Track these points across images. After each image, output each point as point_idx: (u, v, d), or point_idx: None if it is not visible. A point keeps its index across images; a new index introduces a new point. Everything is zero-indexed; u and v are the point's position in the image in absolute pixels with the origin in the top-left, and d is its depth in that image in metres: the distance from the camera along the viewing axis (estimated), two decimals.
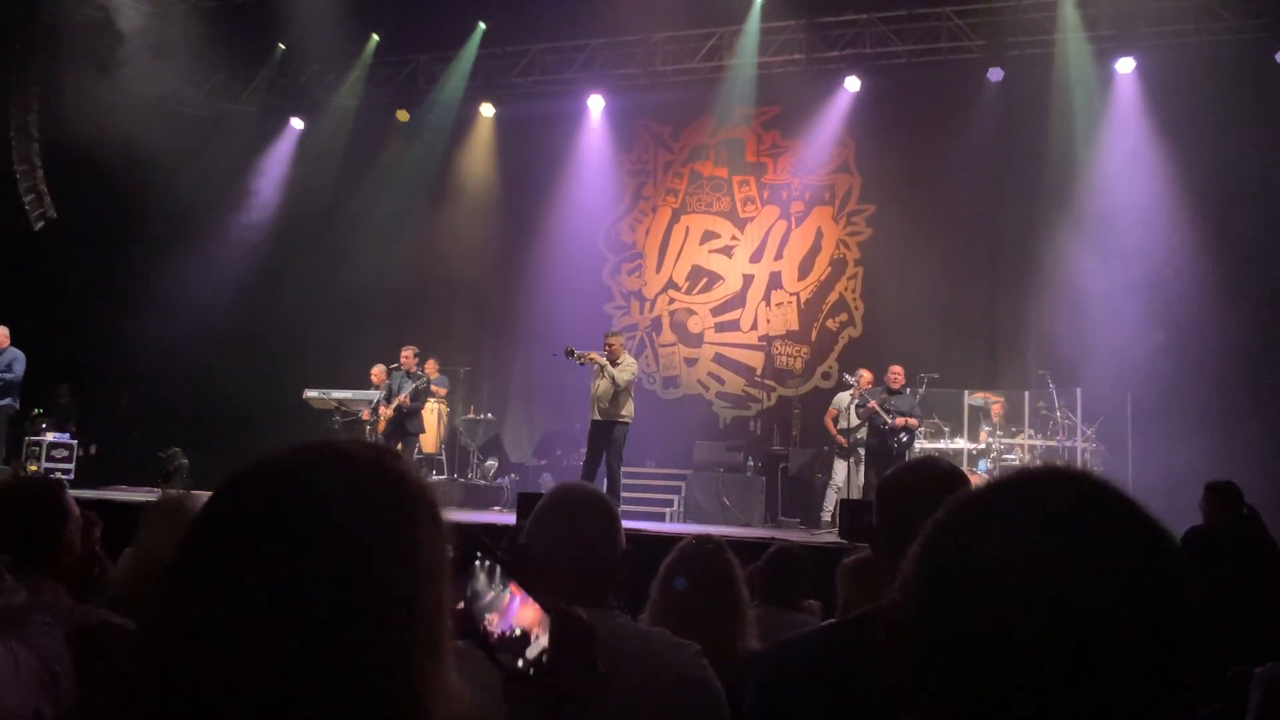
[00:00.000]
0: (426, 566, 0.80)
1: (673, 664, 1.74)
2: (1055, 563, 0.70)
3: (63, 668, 1.66)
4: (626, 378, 9.29)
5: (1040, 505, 0.74)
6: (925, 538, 0.76)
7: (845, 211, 12.40)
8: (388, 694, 0.76)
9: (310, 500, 0.79)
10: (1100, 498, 0.75)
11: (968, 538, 0.74)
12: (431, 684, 0.79)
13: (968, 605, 0.71)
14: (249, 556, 0.76)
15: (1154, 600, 0.70)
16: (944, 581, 0.73)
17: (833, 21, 11.76)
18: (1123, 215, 10.40)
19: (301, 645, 0.74)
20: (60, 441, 11.28)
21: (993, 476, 0.80)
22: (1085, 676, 0.67)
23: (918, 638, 0.73)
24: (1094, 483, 0.76)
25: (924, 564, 0.75)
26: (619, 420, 9.22)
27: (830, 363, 12.06)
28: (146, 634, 0.81)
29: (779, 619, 3.33)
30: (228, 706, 0.73)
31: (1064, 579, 0.69)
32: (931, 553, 0.75)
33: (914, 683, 0.73)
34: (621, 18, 11.83)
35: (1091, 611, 0.68)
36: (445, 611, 0.82)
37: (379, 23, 12.40)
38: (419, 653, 0.78)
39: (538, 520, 1.80)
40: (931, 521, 0.77)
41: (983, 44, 11.22)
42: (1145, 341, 10.03)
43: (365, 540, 0.78)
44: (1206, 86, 10.08)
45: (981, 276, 11.41)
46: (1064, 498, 0.75)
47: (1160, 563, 0.72)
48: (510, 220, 13.17)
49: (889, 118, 11.80)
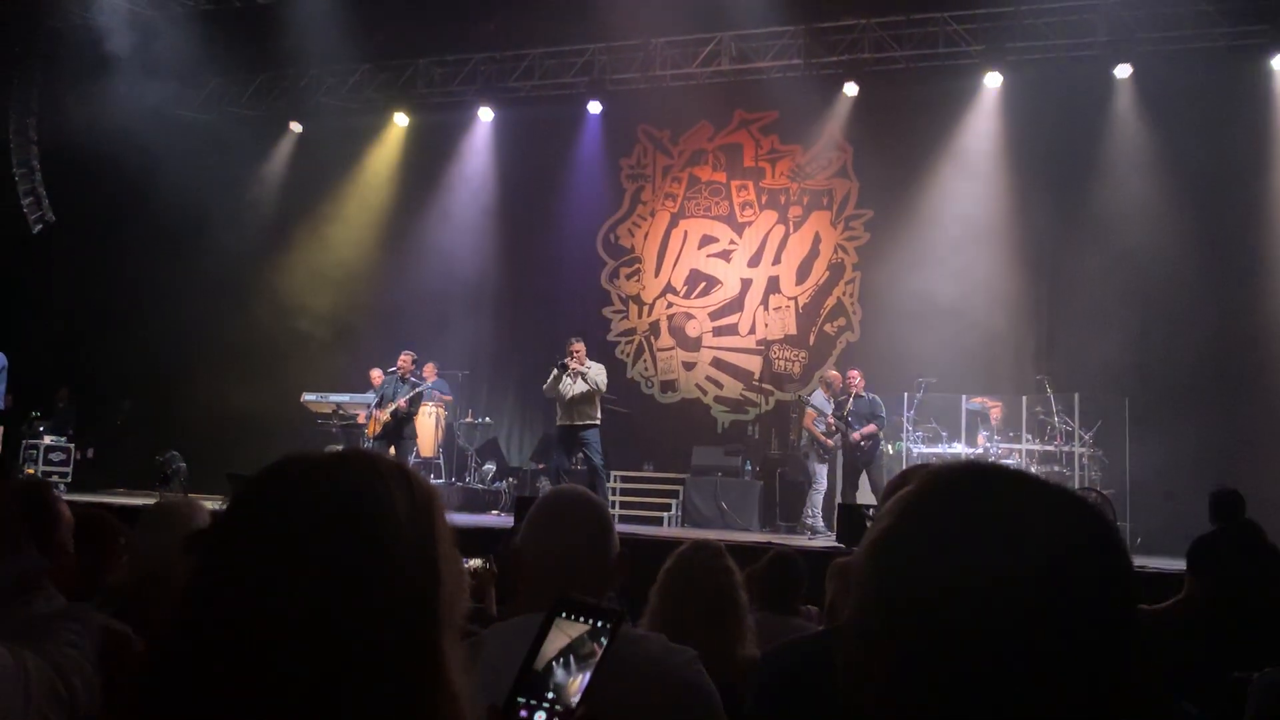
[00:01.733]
0: (447, 547, 0.89)
1: (668, 669, 1.73)
2: (990, 558, 0.70)
3: (82, 679, 1.65)
4: (604, 381, 9.47)
5: (971, 503, 0.74)
6: (867, 546, 0.76)
7: (843, 216, 12.41)
8: (422, 659, 0.83)
9: (361, 483, 0.87)
10: (1028, 489, 0.75)
11: (907, 545, 0.74)
12: (452, 656, 0.86)
13: (910, 612, 0.71)
14: (309, 529, 0.83)
15: (1093, 583, 0.71)
16: (885, 589, 0.73)
17: (831, 27, 11.78)
18: (1120, 220, 10.41)
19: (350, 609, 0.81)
20: (57, 445, 11.29)
21: (921, 477, 0.79)
22: (1033, 672, 0.68)
23: (867, 648, 0.73)
24: (1018, 475, 0.77)
25: (868, 574, 0.76)
26: (592, 423, 9.37)
27: (828, 367, 12.05)
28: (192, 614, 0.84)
29: (777, 625, 3.33)
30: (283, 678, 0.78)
31: (999, 575, 0.70)
32: (873, 562, 0.75)
33: (870, 693, 0.73)
34: (620, 23, 11.85)
35: (1032, 603, 0.68)
36: (460, 593, 0.90)
37: (378, 26, 12.41)
38: (445, 625, 0.86)
39: (531, 524, 1.80)
40: (871, 531, 0.78)
41: (980, 49, 11.24)
42: (1143, 346, 10.05)
43: (402, 522, 0.86)
44: (1203, 92, 10.10)
45: (979, 281, 11.41)
46: (991, 494, 0.75)
47: (1091, 542, 0.72)
48: (508, 224, 13.16)
49: (887, 123, 11.81)
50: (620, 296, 13.25)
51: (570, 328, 11.86)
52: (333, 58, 12.72)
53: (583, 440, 9.36)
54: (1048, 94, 10.97)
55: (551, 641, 1.05)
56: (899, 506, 0.77)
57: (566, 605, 1.08)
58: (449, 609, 0.87)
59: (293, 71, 13.26)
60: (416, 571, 0.85)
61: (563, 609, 1.08)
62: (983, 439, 10.07)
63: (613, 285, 13.29)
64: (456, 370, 12.34)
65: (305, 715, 0.78)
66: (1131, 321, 10.21)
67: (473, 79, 13.10)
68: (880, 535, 0.76)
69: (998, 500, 0.74)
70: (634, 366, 12.91)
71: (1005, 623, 0.68)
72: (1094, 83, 10.86)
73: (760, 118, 12.80)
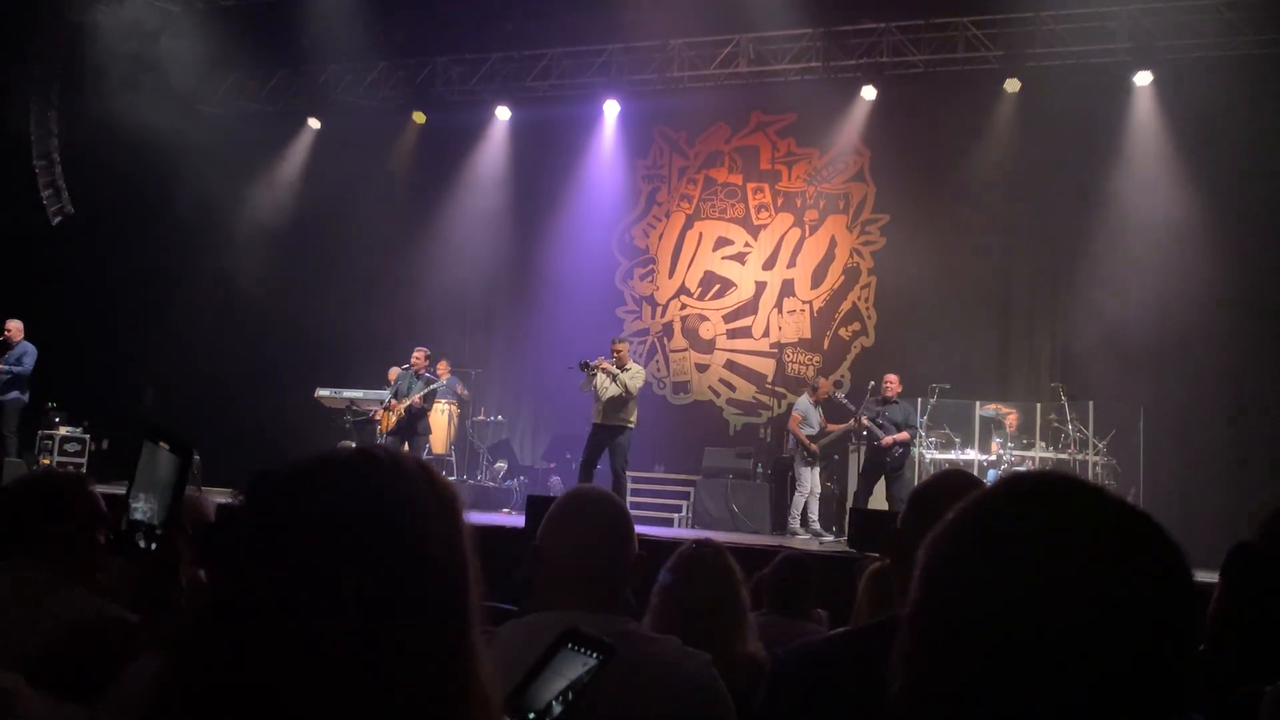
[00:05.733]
0: (470, 544, 0.90)
1: (682, 672, 1.73)
2: (1057, 569, 0.71)
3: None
4: (639, 384, 9.33)
5: (1044, 511, 0.75)
6: (931, 543, 0.77)
7: (859, 220, 12.39)
8: (457, 656, 0.85)
9: (387, 482, 0.87)
10: (1105, 503, 0.75)
11: (972, 546, 0.75)
12: (478, 649, 0.87)
13: (970, 610, 0.71)
14: (340, 528, 0.84)
15: (1159, 605, 0.71)
16: (948, 588, 0.74)
17: (850, 30, 11.75)
18: (1138, 228, 10.35)
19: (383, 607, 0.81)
20: (73, 435, 11.35)
21: (997, 482, 0.81)
22: (1087, 680, 0.68)
23: (926, 642, 0.74)
24: (1096, 490, 0.78)
25: (929, 571, 0.76)
26: (626, 425, 9.24)
27: (842, 371, 12.04)
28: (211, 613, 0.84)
29: (787, 628, 3.32)
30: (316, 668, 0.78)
31: (1067, 585, 0.70)
32: (936, 560, 0.76)
33: (922, 687, 0.73)
34: (638, 23, 11.85)
35: (1095, 616, 0.69)
36: (479, 586, 0.91)
37: (396, 24, 12.45)
38: (470, 616, 0.87)
39: (551, 523, 1.81)
40: (936, 530, 0.78)
41: (1000, 54, 11.19)
42: (1159, 355, 9.99)
43: (427, 519, 0.87)
44: (1225, 101, 10.03)
45: (995, 287, 11.38)
46: (1067, 504, 0.76)
47: (1163, 569, 0.73)
48: (524, 223, 13.18)
49: (905, 127, 11.78)
50: (634, 297, 13.25)
51: (583, 327, 11.90)
52: (351, 55, 12.76)
53: (613, 444, 9.26)
54: (1067, 101, 10.90)
55: (550, 668, 1.09)
56: (969, 506, 0.78)
57: (574, 637, 1.11)
58: (476, 605, 0.88)
59: (311, 68, 13.31)
60: (447, 568, 0.86)
61: (569, 640, 1.11)
62: (996, 446, 10.04)
63: (626, 286, 13.29)
64: (469, 368, 12.37)
65: (344, 716, 0.78)
66: (1148, 329, 10.14)
67: (490, 78, 13.12)
68: (947, 532, 0.77)
69: (1066, 509, 0.75)
70: (647, 368, 12.91)
71: (1061, 632, 0.69)
72: (1114, 90, 10.79)
73: (777, 120, 12.78)
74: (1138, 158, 10.63)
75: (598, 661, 1.10)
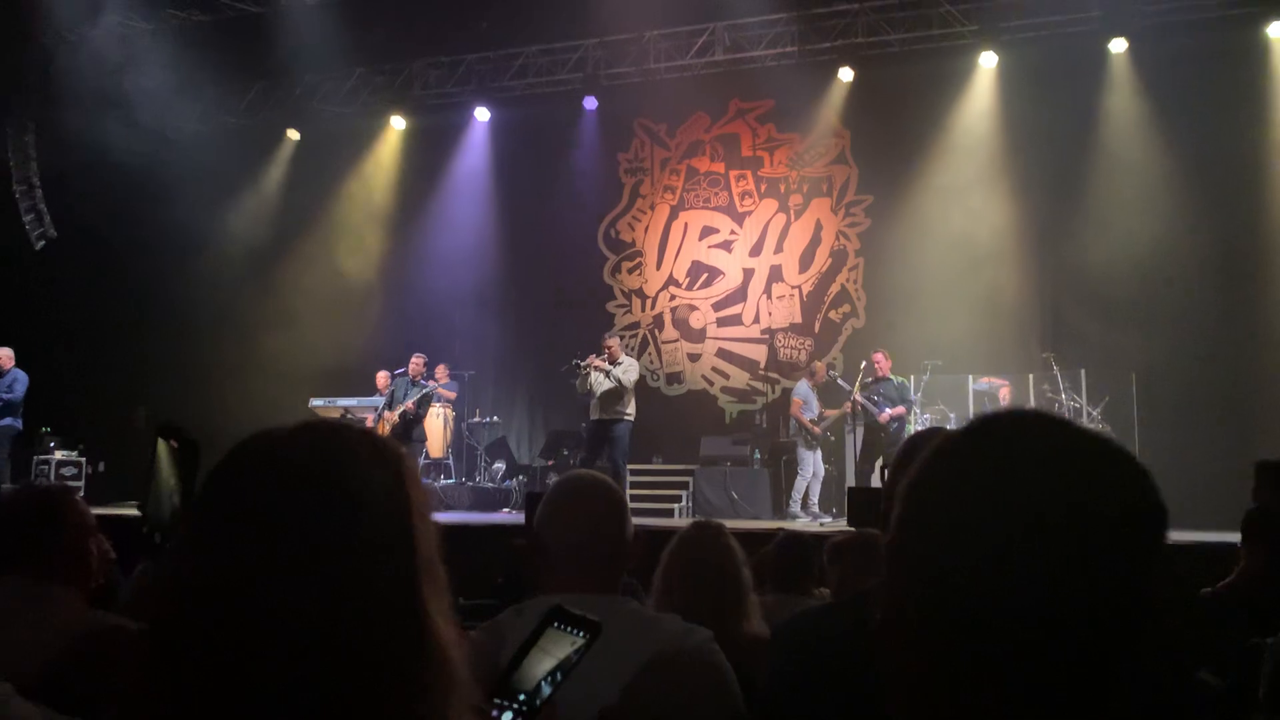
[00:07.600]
0: (419, 506, 0.91)
1: (686, 649, 1.74)
2: (1024, 494, 0.72)
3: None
4: (633, 378, 9.37)
5: (1014, 440, 0.76)
6: (905, 485, 0.78)
7: (844, 203, 12.40)
8: (403, 607, 0.86)
9: (327, 452, 0.90)
10: (1074, 432, 0.76)
11: (946, 475, 0.76)
12: (434, 605, 0.88)
13: (946, 552, 0.72)
14: (283, 502, 0.86)
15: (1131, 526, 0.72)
16: (922, 531, 0.75)
17: (824, 13, 11.75)
18: (1120, 194, 10.39)
19: (333, 575, 0.83)
20: (69, 460, 11.32)
21: (968, 422, 0.82)
22: (1068, 615, 0.69)
23: (904, 574, 0.74)
24: (1065, 421, 0.79)
25: (904, 517, 0.77)
26: (622, 418, 9.28)
27: (835, 354, 12.06)
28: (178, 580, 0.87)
29: (791, 606, 3.33)
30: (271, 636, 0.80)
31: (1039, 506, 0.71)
32: (911, 494, 0.77)
33: (900, 618, 0.74)
34: (613, 17, 11.84)
35: (1068, 538, 0.70)
36: (436, 544, 0.92)
37: (370, 30, 12.41)
38: (422, 575, 0.88)
39: (547, 507, 1.82)
40: (910, 470, 0.79)
41: (974, 29, 11.21)
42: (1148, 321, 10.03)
43: (374, 480, 0.89)
44: (1200, 64, 10.08)
45: (983, 261, 11.39)
46: (1037, 432, 0.77)
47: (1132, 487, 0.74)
48: (509, 223, 13.17)
49: (884, 107, 11.78)
50: (623, 291, 13.25)
51: (575, 323, 11.91)
52: (327, 64, 12.72)
53: (610, 436, 9.30)
54: (1044, 71, 10.93)
55: (538, 647, 1.11)
56: (939, 444, 0.79)
57: (559, 616, 1.13)
58: (428, 563, 0.89)
59: (288, 80, 13.27)
60: (390, 532, 0.88)
61: (555, 619, 1.13)
62: None
63: (615, 280, 13.29)
64: (463, 370, 12.37)
65: (295, 686, 0.80)
66: (1136, 296, 10.18)
67: (468, 79, 13.10)
68: (920, 470, 0.78)
69: (1034, 440, 0.76)
70: (639, 360, 12.91)
71: (1035, 559, 0.69)
72: (1089, 58, 10.81)
73: (756, 107, 12.79)
74: (1116, 124, 10.66)
75: (585, 640, 1.11)
